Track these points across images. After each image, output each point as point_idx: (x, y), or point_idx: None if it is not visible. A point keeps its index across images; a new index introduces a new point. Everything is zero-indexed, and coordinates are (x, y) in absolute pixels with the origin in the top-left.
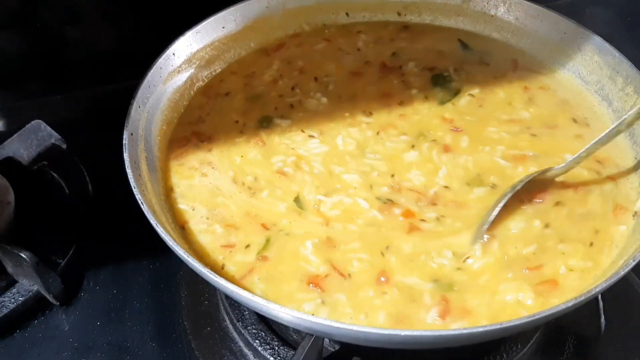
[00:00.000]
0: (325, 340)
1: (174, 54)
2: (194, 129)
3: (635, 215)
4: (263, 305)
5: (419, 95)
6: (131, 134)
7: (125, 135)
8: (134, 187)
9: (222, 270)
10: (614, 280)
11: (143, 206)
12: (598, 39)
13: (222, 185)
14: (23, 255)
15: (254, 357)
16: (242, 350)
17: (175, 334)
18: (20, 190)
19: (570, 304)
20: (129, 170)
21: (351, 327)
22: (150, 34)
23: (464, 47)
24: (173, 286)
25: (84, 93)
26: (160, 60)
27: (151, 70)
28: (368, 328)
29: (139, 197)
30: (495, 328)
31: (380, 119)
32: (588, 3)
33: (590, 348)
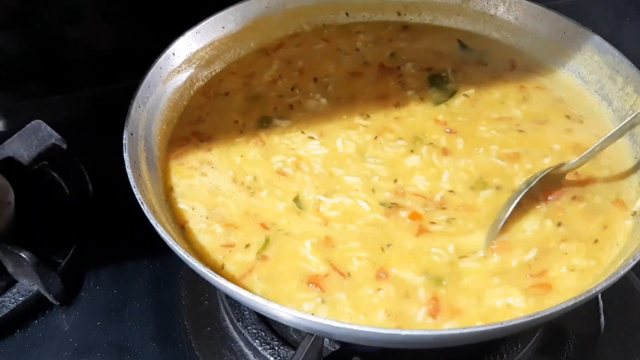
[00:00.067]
0: (326, 340)
1: (173, 54)
2: (194, 128)
3: (634, 215)
4: (263, 304)
5: (414, 97)
6: (131, 134)
7: (125, 135)
8: (134, 187)
9: (222, 269)
10: (614, 280)
11: (143, 206)
12: (598, 39)
13: (222, 185)
14: (23, 255)
15: (254, 357)
16: (242, 350)
17: (175, 333)
18: (21, 190)
19: (570, 304)
20: (129, 170)
21: (351, 327)
22: (150, 34)
23: (463, 48)
24: (173, 286)
25: (84, 93)
26: (160, 60)
27: (151, 70)
28: (368, 328)
29: (139, 197)
30: (496, 327)
31: (377, 122)
32: (588, 2)
33: (590, 347)
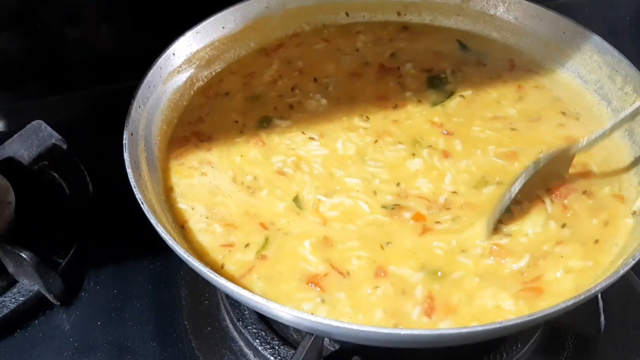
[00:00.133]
0: (326, 339)
1: (174, 54)
2: (194, 128)
3: (634, 215)
4: (263, 304)
5: (412, 98)
6: (131, 134)
7: (125, 135)
8: (134, 187)
9: (222, 269)
10: (613, 279)
11: (143, 206)
12: (597, 38)
13: (222, 185)
14: (24, 255)
15: (255, 357)
16: (243, 350)
17: (175, 333)
18: (21, 190)
19: (569, 303)
20: (129, 170)
21: (351, 326)
22: (150, 34)
23: (463, 48)
24: (173, 286)
25: (84, 93)
26: (160, 61)
27: (151, 71)
28: (368, 327)
29: (139, 197)
30: (495, 327)
31: (377, 124)
32: (587, 2)
33: (590, 347)
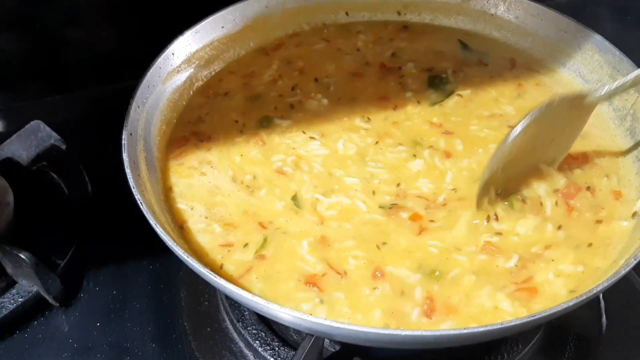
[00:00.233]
0: (326, 340)
1: (173, 54)
2: (193, 128)
3: (634, 215)
4: (263, 305)
5: (412, 99)
6: (130, 134)
7: (124, 136)
8: (133, 188)
9: (221, 269)
10: (615, 280)
11: (142, 206)
12: (598, 38)
13: (221, 184)
14: (22, 256)
15: (255, 358)
16: (243, 351)
17: (175, 334)
18: (20, 190)
19: (571, 303)
20: (128, 171)
21: (351, 327)
22: (150, 34)
23: (464, 48)
24: (173, 286)
25: (84, 93)
26: (160, 60)
27: (150, 70)
28: (368, 328)
29: (138, 198)
30: (496, 328)
31: (377, 125)
32: (588, 2)
33: (591, 347)
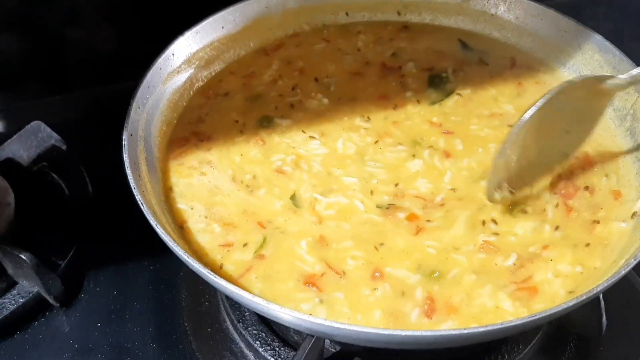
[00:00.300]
0: (326, 341)
1: (173, 54)
2: (194, 129)
3: (634, 216)
4: (264, 306)
5: (412, 99)
6: (131, 135)
7: (124, 136)
8: (133, 188)
9: (221, 269)
10: (615, 280)
11: (143, 207)
12: (599, 38)
13: (221, 184)
14: (23, 257)
15: (255, 358)
16: (243, 351)
17: (175, 334)
18: (20, 191)
19: (571, 303)
20: (128, 171)
21: (352, 328)
22: (150, 34)
23: (464, 47)
24: (173, 287)
25: (84, 93)
26: (160, 61)
27: (150, 71)
28: (369, 329)
29: (138, 198)
30: (496, 328)
31: (377, 124)
32: (589, 1)
33: (591, 348)
